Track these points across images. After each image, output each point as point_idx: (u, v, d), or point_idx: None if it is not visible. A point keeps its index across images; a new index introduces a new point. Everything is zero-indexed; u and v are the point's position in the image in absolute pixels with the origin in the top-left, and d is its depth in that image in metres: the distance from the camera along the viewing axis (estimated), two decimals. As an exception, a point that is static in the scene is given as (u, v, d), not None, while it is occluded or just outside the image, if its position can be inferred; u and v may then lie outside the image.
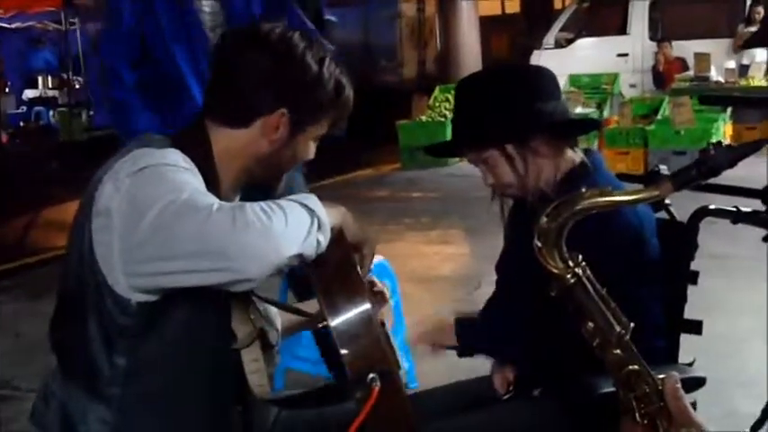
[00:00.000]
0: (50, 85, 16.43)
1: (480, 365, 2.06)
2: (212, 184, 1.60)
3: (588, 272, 1.19)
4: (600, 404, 1.58)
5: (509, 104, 1.89)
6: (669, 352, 1.90)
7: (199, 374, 1.62)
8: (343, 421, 1.45)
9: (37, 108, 16.01)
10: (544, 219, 1.17)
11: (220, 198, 1.55)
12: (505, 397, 1.90)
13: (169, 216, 1.40)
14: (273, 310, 1.87)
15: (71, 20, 15.12)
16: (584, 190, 1.19)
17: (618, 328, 1.18)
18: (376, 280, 1.92)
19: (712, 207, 1.96)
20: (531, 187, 1.90)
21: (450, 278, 5.55)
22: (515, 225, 2.02)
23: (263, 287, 1.55)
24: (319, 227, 1.48)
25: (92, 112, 15.37)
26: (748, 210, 2.10)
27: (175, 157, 1.56)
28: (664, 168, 1.77)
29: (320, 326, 1.72)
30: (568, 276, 1.18)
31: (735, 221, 2.02)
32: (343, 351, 1.42)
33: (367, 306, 1.45)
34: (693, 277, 1.92)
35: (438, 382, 2.22)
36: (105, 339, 1.55)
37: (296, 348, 3.65)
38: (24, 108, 16.07)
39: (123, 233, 1.45)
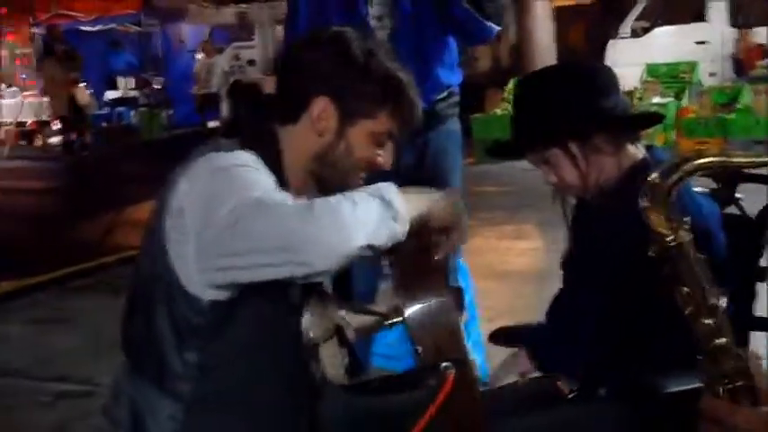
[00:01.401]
0: (131, 86, 16.81)
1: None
2: (282, 185, 1.61)
3: (691, 236, 1.16)
4: (666, 404, 1.57)
5: (570, 102, 1.88)
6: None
7: (271, 371, 1.64)
8: (411, 410, 1.46)
9: (119, 109, 16.39)
10: (655, 175, 1.14)
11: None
12: (570, 396, 1.89)
13: (242, 212, 1.42)
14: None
15: (150, 22, 15.46)
16: (701, 147, 1.15)
17: (713, 299, 1.15)
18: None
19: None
20: (593, 185, 1.89)
21: (524, 273, 5.52)
22: (579, 224, 2.01)
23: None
24: (395, 217, 1.47)
25: (171, 112, 15.70)
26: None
27: (246, 157, 1.58)
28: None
29: (387, 323, 1.73)
30: (671, 238, 1.14)
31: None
32: (417, 339, 1.43)
33: (443, 296, 1.46)
34: (762, 274, 1.88)
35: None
36: (176, 336, 1.58)
37: (380, 346, 3.68)
38: (107, 109, 16.46)
39: (198, 230, 1.47)
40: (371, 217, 1.45)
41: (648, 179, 1.14)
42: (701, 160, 1.14)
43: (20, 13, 15.67)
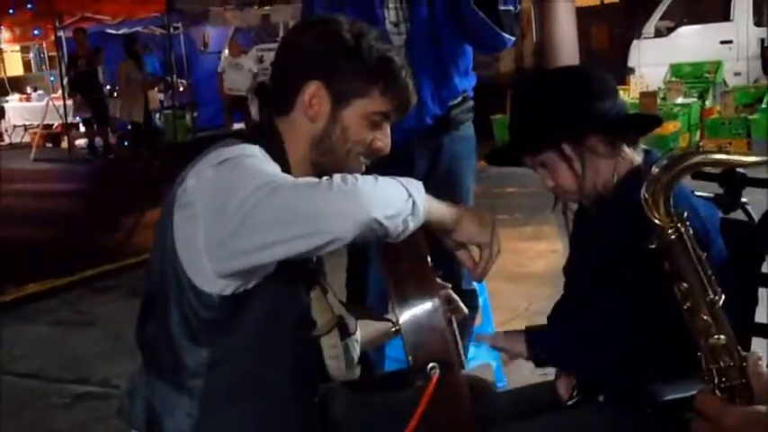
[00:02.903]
0: (158, 89, 16.91)
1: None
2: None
3: (690, 231, 1.16)
4: (664, 411, 1.57)
5: (562, 103, 1.88)
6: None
7: (281, 364, 1.66)
8: (405, 410, 1.47)
9: (143, 111, 16.47)
10: (656, 169, 1.15)
11: None
12: (570, 402, 1.89)
13: (254, 197, 1.41)
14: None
15: (175, 25, 15.54)
16: (701, 144, 1.16)
17: (711, 294, 1.16)
18: (453, 296, 1.95)
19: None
20: (590, 189, 1.89)
21: (542, 275, 5.50)
22: (580, 230, 2.02)
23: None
24: (413, 210, 1.48)
25: (196, 114, 15.78)
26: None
27: (252, 149, 1.60)
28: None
29: (393, 330, 1.75)
30: (671, 231, 1.15)
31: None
32: (410, 344, 1.45)
33: (434, 299, 1.48)
34: (765, 280, 1.87)
35: (525, 380, 2.24)
36: (188, 333, 1.60)
37: (393, 349, 3.69)
38: (132, 111, 16.54)
39: (209, 220, 1.47)
40: (391, 198, 1.46)
41: (650, 172, 1.15)
42: (702, 156, 1.14)
43: (46, 17, 15.79)
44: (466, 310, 1.94)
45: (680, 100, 10.31)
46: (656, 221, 1.15)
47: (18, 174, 12.60)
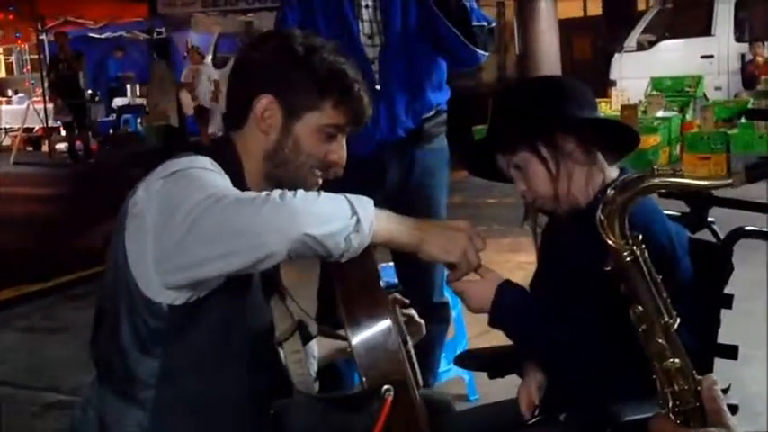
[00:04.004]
0: (138, 94, 16.87)
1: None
2: (241, 190, 1.62)
3: (646, 254, 1.16)
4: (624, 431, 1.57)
5: (539, 103, 1.89)
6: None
7: (234, 374, 1.65)
8: None
9: (125, 116, 16.45)
10: (612, 191, 1.15)
11: None
12: (531, 421, 1.89)
13: (199, 210, 1.42)
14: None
15: (158, 30, 15.52)
16: (656, 167, 1.16)
17: (666, 317, 1.15)
18: (415, 315, 1.94)
19: (749, 228, 1.90)
20: (563, 196, 1.88)
21: (519, 287, 5.49)
22: (549, 245, 2.01)
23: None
24: (356, 228, 1.46)
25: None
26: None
27: (203, 160, 1.60)
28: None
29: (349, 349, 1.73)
30: (626, 253, 1.15)
31: (773, 243, 1.97)
32: (363, 366, 1.44)
33: (387, 320, 1.47)
34: (728, 301, 1.87)
35: (498, 394, 2.22)
36: (139, 344, 1.59)
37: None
38: (113, 116, 16.52)
39: (156, 232, 1.48)
40: (331, 215, 1.45)
41: (606, 194, 1.15)
42: (657, 180, 1.14)
43: (28, 20, 15.73)
44: (424, 331, 1.94)
45: (660, 114, 10.37)
46: (611, 244, 1.15)
47: (-4, 178, 12.52)
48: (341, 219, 1.45)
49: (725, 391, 1.83)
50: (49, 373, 4.51)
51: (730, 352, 1.88)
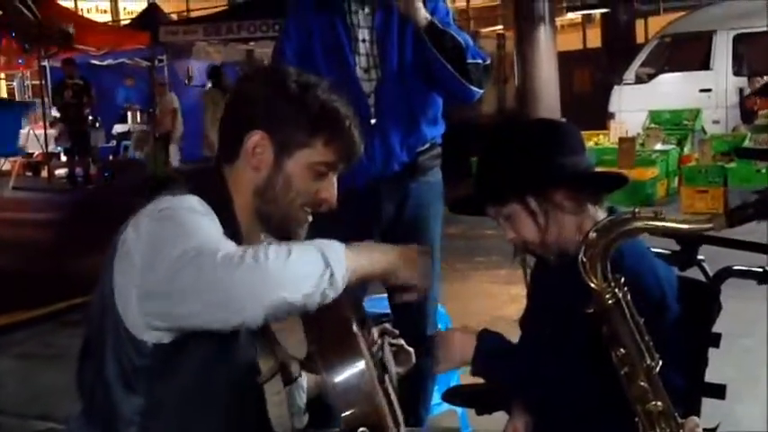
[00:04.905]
0: (139, 120, 16.90)
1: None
2: (230, 226, 1.63)
3: (628, 297, 1.16)
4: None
5: (529, 156, 1.88)
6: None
7: (218, 413, 1.64)
8: None
9: (125, 142, 16.47)
10: (593, 233, 1.15)
11: (241, 240, 1.59)
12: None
13: (181, 264, 1.44)
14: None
15: (159, 57, 15.59)
16: (637, 210, 1.17)
17: (648, 360, 1.15)
18: (404, 344, 1.94)
19: (737, 267, 1.91)
20: (552, 245, 1.89)
21: (513, 319, 5.47)
22: (539, 284, 2.01)
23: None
24: (330, 282, 1.46)
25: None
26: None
27: (192, 202, 1.60)
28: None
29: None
30: (608, 296, 1.15)
31: (761, 282, 1.96)
32: (335, 405, 1.44)
33: (361, 362, 1.47)
34: (716, 340, 1.87)
35: (491, 428, 2.21)
36: (123, 380, 1.59)
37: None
38: (113, 142, 16.54)
39: (141, 275, 1.50)
40: (306, 275, 1.45)
41: (587, 236, 1.15)
42: (638, 223, 1.15)
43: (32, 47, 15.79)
44: (414, 360, 1.93)
45: (658, 146, 10.40)
46: (593, 286, 1.15)
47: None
48: (315, 276, 1.45)
49: (713, 430, 1.84)
50: (42, 400, 4.49)
51: (718, 392, 1.87)
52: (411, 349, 1.96)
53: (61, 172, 15.44)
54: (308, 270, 1.46)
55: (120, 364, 1.58)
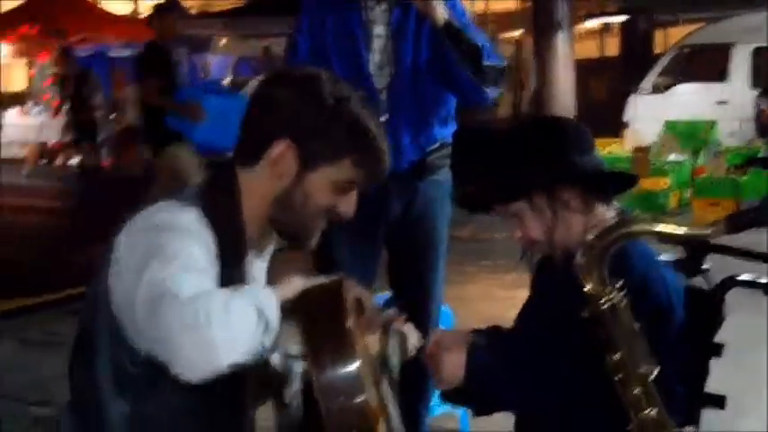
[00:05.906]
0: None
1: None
2: (234, 233, 1.60)
3: (625, 302, 1.13)
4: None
5: (537, 154, 1.86)
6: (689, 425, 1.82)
7: (203, 426, 1.62)
8: None
9: (140, 133, 16.50)
10: (591, 236, 1.13)
11: (245, 246, 1.58)
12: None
13: (145, 289, 1.43)
14: (297, 369, 1.82)
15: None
16: (636, 213, 1.14)
17: (643, 367, 1.13)
18: (412, 328, 1.89)
19: (741, 278, 1.87)
20: (560, 244, 1.86)
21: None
22: (542, 280, 1.99)
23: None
24: (266, 330, 1.43)
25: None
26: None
27: (189, 217, 1.55)
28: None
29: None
30: (603, 300, 1.12)
31: (767, 292, 1.92)
32: (325, 407, 1.41)
33: (354, 363, 1.44)
34: (717, 350, 1.84)
35: (491, 429, 2.19)
36: (115, 384, 1.57)
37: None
38: (126, 133, 16.57)
39: (127, 288, 1.49)
40: (243, 334, 1.41)
41: (586, 239, 1.13)
42: (635, 227, 1.13)
43: (51, 34, 15.84)
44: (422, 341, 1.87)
45: (672, 157, 10.35)
46: (588, 290, 1.13)
47: (7, 190, 12.54)
48: (250, 332, 1.41)
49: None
50: (40, 387, 4.49)
51: (718, 402, 1.84)
52: (419, 333, 1.89)
53: (75, 161, 15.47)
54: (246, 326, 1.41)
55: (114, 368, 1.56)
